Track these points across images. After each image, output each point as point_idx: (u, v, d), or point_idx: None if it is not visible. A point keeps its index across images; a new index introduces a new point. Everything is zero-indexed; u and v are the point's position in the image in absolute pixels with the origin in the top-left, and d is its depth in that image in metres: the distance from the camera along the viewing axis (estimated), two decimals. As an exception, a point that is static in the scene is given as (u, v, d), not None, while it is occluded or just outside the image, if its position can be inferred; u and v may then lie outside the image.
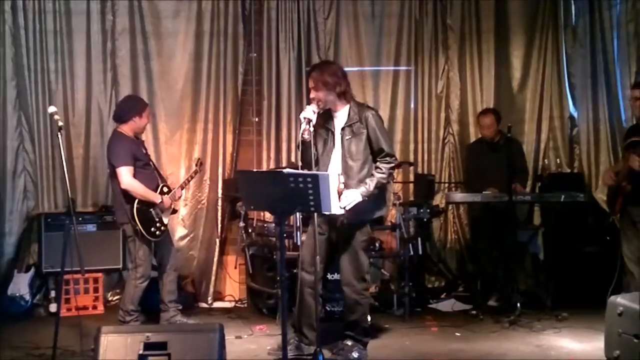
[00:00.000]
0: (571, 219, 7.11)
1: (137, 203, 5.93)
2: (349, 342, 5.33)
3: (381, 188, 5.25)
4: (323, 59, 7.73)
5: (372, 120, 5.24)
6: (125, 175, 5.92)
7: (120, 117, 6.16)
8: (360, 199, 5.08)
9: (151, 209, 6.02)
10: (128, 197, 5.95)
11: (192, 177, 6.66)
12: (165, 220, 6.12)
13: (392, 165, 5.30)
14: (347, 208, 5.05)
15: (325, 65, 5.56)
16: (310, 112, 5.06)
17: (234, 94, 7.75)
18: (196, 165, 6.74)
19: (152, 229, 5.99)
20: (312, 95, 5.26)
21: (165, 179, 6.49)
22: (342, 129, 5.26)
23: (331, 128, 5.31)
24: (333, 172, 5.16)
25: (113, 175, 6.02)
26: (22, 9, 7.17)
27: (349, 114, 5.28)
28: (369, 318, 5.46)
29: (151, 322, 6.19)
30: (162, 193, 6.15)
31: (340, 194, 5.04)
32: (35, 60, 7.24)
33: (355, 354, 5.28)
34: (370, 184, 5.12)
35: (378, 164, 5.23)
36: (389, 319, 6.54)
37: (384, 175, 5.20)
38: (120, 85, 7.49)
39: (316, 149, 5.23)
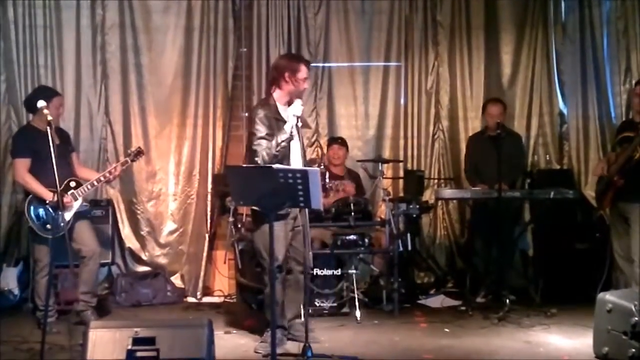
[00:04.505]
0: (560, 215, 7.12)
1: (30, 197, 5.85)
2: None
3: None
4: (312, 54, 7.79)
5: None
6: (19, 169, 5.86)
7: (28, 106, 6.11)
8: None
9: (47, 204, 5.89)
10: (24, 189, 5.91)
11: (110, 175, 6.26)
12: (67, 216, 5.87)
13: None
14: None
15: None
16: (300, 108, 5.16)
17: (224, 89, 7.73)
18: (126, 156, 6.42)
19: (47, 226, 5.85)
20: (307, 85, 5.50)
21: (76, 174, 6.20)
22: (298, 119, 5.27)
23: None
24: (295, 163, 5.33)
25: None
26: (11, 4, 7.15)
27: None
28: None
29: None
30: (67, 188, 5.97)
31: None
32: (25, 55, 7.24)
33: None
34: None
35: None
36: (378, 314, 6.54)
37: None
38: (109, 79, 7.49)
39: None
